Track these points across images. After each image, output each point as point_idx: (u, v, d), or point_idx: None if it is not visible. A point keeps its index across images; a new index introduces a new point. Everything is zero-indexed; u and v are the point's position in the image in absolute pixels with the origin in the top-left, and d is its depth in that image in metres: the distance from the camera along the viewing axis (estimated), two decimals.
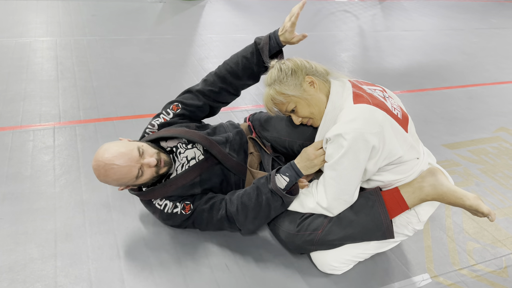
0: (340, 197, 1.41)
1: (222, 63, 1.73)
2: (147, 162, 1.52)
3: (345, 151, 1.33)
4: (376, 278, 1.63)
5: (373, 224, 1.46)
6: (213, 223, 1.63)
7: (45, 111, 2.54)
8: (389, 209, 1.46)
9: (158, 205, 1.66)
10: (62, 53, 3.40)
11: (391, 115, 1.39)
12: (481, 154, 2.58)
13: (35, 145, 2.21)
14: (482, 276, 1.69)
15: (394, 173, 1.46)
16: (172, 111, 1.74)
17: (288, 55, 1.64)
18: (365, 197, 1.48)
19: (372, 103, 1.37)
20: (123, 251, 1.63)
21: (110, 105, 2.68)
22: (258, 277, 1.57)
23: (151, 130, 1.74)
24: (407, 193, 1.46)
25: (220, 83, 1.71)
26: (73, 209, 1.81)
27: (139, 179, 1.55)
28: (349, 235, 1.49)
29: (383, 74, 3.79)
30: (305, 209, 1.50)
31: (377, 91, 1.49)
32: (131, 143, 1.56)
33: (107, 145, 1.52)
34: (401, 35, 5.15)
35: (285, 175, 1.48)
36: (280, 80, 1.44)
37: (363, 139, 1.31)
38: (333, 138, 1.35)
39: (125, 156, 1.48)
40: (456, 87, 3.66)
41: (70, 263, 1.55)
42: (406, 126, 1.46)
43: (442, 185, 1.43)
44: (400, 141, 1.39)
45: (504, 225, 2.00)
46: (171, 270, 1.57)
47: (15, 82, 2.86)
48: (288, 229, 1.53)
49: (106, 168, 1.47)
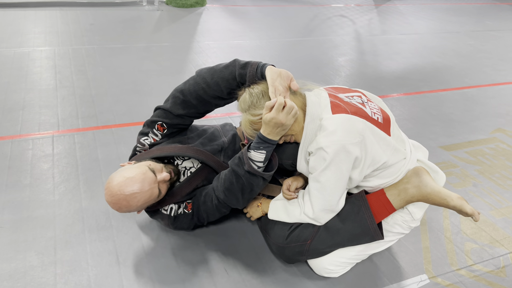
0: (326, 207, 1.41)
1: (202, 90, 1.55)
2: (163, 178, 1.52)
3: (328, 164, 1.32)
4: (374, 279, 1.63)
5: (360, 230, 1.47)
6: (212, 213, 1.63)
7: (44, 120, 2.55)
8: (375, 212, 1.47)
9: (164, 210, 1.67)
10: (60, 62, 3.43)
11: (371, 121, 1.40)
12: (478, 155, 2.60)
13: (34, 153, 2.23)
14: (480, 276, 1.70)
15: (381, 177, 1.47)
16: (159, 132, 1.68)
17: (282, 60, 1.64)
18: (350, 203, 1.48)
19: (350, 112, 1.37)
20: (123, 257, 1.63)
21: (108, 113, 2.70)
22: (256, 281, 1.58)
23: (142, 149, 1.72)
24: (392, 195, 1.47)
25: (204, 106, 1.62)
26: (72, 216, 1.82)
27: (159, 197, 1.56)
28: (338, 242, 1.50)
29: (380, 78, 3.81)
30: (292, 219, 1.50)
31: (355, 98, 1.49)
32: (139, 165, 1.52)
33: (118, 176, 1.46)
34: (397, 38, 5.18)
35: (259, 149, 1.42)
36: (254, 104, 1.41)
37: (344, 150, 1.31)
38: (314, 151, 1.35)
39: (143, 181, 1.45)
40: (452, 89, 3.68)
41: (69, 270, 1.56)
42: (388, 129, 1.46)
43: (427, 186, 1.44)
44: (383, 147, 1.40)
45: (501, 225, 2.00)
46: (170, 275, 1.57)
47: (14, 91, 2.88)
48: (278, 242, 1.54)
49: (128, 199, 1.43)
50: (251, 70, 1.45)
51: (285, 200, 1.57)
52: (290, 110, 1.34)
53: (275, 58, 4.04)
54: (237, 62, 1.51)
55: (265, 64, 1.45)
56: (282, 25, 5.32)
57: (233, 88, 1.52)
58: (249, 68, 1.46)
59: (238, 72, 1.48)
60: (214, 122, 2.71)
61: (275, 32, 4.95)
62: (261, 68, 1.44)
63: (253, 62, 1.48)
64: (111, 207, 1.47)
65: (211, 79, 1.53)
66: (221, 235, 1.79)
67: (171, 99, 1.65)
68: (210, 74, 1.54)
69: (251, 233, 1.80)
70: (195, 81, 1.57)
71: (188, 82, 1.60)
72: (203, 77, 1.55)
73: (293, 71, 1.56)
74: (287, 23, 5.41)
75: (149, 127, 1.71)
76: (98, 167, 2.16)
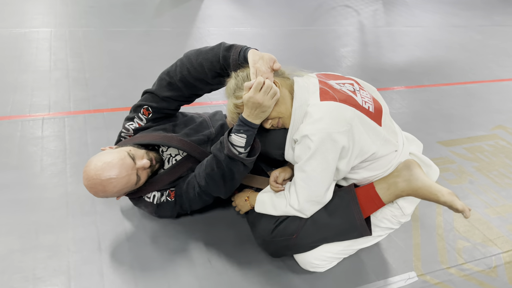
0: (311, 198, 1.36)
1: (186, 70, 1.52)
2: (142, 165, 1.49)
3: (313, 153, 1.28)
4: (361, 275, 1.60)
5: (348, 225, 1.42)
6: (195, 201, 1.59)
7: (35, 102, 2.51)
8: (364, 207, 1.42)
9: (147, 198, 1.63)
10: (56, 44, 3.37)
11: (361, 109, 1.34)
12: (476, 151, 2.54)
13: (23, 135, 2.19)
14: (471, 275, 1.66)
15: (371, 170, 1.42)
16: (144, 116, 1.65)
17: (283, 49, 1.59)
18: (339, 196, 1.44)
19: (339, 100, 1.32)
20: (105, 244, 1.60)
21: (101, 97, 2.65)
22: (240, 272, 1.55)
23: (126, 134, 1.69)
24: (382, 189, 1.41)
25: (189, 89, 1.58)
26: (57, 200, 1.79)
27: (138, 184, 1.53)
28: (325, 237, 1.45)
29: (381, 70, 3.74)
30: (278, 211, 1.45)
31: (346, 85, 1.44)
32: (119, 150, 1.49)
33: (96, 160, 1.44)
34: (402, 31, 5.08)
35: (239, 133, 1.37)
36: (239, 86, 1.36)
37: (330, 139, 1.26)
38: (299, 139, 1.31)
39: (120, 167, 1.43)
40: (455, 83, 3.60)
41: (50, 255, 1.53)
42: (380, 119, 1.40)
43: (417, 180, 1.38)
44: (373, 137, 1.35)
45: (496, 223, 1.96)
46: (151, 264, 1.54)
47: (7, 72, 2.83)
48: (263, 236, 1.49)
49: (104, 184, 1.41)
50: (235, 53, 1.42)
51: (272, 193, 1.52)
52: (268, 90, 1.29)
53: (276, 47, 3.97)
54: (222, 45, 1.47)
55: (249, 47, 1.41)
56: (285, 13, 5.23)
57: (217, 70, 1.48)
58: (232, 51, 1.43)
59: (222, 55, 1.44)
60: (208, 109, 2.67)
61: (278, 21, 4.86)
62: (244, 51, 1.40)
63: (238, 45, 1.44)
64: (89, 191, 1.44)
65: (196, 60, 1.50)
66: (207, 224, 1.75)
67: (158, 81, 1.62)
68: (195, 56, 1.51)
69: (239, 224, 1.77)
70: (181, 62, 1.55)
71: (175, 64, 1.57)
72: (188, 58, 1.52)
73: (293, 61, 1.51)
74: (290, 12, 5.32)
75: (135, 111, 1.67)
76: (86, 151, 2.12)
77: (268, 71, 1.34)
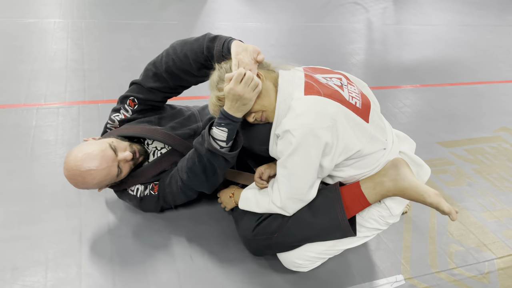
0: (293, 196, 1.32)
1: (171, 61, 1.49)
2: (123, 158, 1.47)
3: (294, 149, 1.23)
4: (346, 276, 1.55)
5: (330, 225, 1.37)
6: (178, 195, 1.57)
7: (32, 92, 2.50)
8: (348, 206, 1.37)
9: (131, 191, 1.62)
10: (58, 34, 3.37)
11: (347, 105, 1.29)
12: (477, 153, 2.47)
13: (17, 124, 2.18)
14: (461, 280, 1.61)
15: (357, 168, 1.37)
16: (130, 108, 1.63)
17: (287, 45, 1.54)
18: (323, 195, 1.38)
19: (324, 94, 1.27)
20: (86, 236, 1.58)
21: (97, 88, 2.63)
22: (221, 270, 1.52)
23: (112, 125, 1.67)
24: (367, 188, 1.36)
25: (174, 80, 1.55)
26: (42, 190, 1.77)
27: (119, 176, 1.51)
28: (307, 237, 1.41)
29: (386, 68, 3.67)
30: (261, 209, 1.41)
31: (333, 79, 1.38)
32: (101, 142, 1.48)
33: (76, 150, 1.42)
34: (411, 29, 4.98)
35: (220, 126, 1.32)
36: (222, 78, 1.32)
37: (313, 135, 1.21)
38: (281, 134, 1.26)
39: (100, 158, 1.40)
40: (461, 83, 3.51)
41: (30, 246, 1.52)
42: (367, 115, 1.35)
43: (404, 180, 1.33)
44: (358, 134, 1.30)
45: (492, 228, 1.89)
46: (131, 258, 1.52)
47: (8, 62, 2.84)
48: (245, 234, 1.46)
49: (83, 175, 1.39)
50: (219, 44, 1.38)
51: (256, 190, 1.49)
52: (248, 81, 1.24)
53: (280, 42, 3.92)
54: (207, 35, 1.44)
55: (234, 39, 1.37)
56: (293, 9, 5.16)
57: (201, 62, 1.44)
58: (217, 42, 1.40)
59: (206, 45, 1.41)
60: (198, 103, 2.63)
61: (284, 16, 4.80)
62: (228, 43, 1.37)
63: (222, 36, 1.41)
64: (69, 182, 1.42)
65: (181, 51, 1.46)
66: (193, 220, 1.72)
67: (144, 71, 1.60)
68: (181, 46, 1.48)
69: (225, 220, 1.73)
70: (167, 53, 1.52)
71: (161, 54, 1.55)
72: (174, 49, 1.49)
73: (297, 57, 1.48)
74: (297, 8, 5.25)
75: (121, 102, 1.65)
76: (78, 142, 2.10)
77: (251, 62, 1.30)
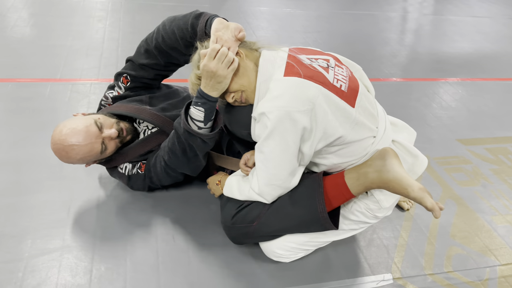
0: (271, 182, 1.26)
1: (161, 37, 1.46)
2: (108, 135, 1.47)
3: (270, 132, 1.17)
4: (331, 271, 1.49)
5: (310, 217, 1.30)
6: (162, 176, 1.56)
7: (68, 68, 2.59)
8: (331, 198, 1.30)
9: (120, 169, 1.63)
10: (98, 14, 3.45)
11: (330, 87, 1.21)
12: (499, 153, 2.31)
13: (50, 98, 2.28)
14: (455, 285, 1.50)
15: (341, 156, 1.29)
16: (123, 85, 1.62)
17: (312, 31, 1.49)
18: (304, 185, 1.32)
19: (304, 75, 1.19)
20: (74, 210, 1.60)
21: (112, 67, 2.67)
22: (201, 253, 1.49)
23: (106, 102, 1.67)
24: (351, 179, 1.28)
25: (164, 57, 1.53)
26: (38, 162, 1.81)
27: (104, 153, 1.51)
28: (285, 228, 1.36)
29: (414, 60, 3.50)
30: (243, 196, 1.36)
31: (319, 61, 1.29)
32: (87, 117, 1.48)
33: (62, 125, 1.44)
34: (449, 20, 4.72)
35: (197, 105, 1.29)
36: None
37: (289, 118, 1.15)
38: (258, 117, 1.20)
39: (84, 134, 1.41)
40: (494, 79, 3.29)
41: (20, 215, 1.55)
42: (353, 99, 1.26)
43: (389, 171, 1.23)
44: (340, 119, 1.21)
45: (501, 232, 1.76)
46: (114, 234, 1.53)
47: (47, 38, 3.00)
48: (225, 221, 1.42)
49: (66, 150, 1.41)
50: (202, 21, 1.35)
51: (240, 176, 1.44)
52: (222, 57, 1.19)
53: (305, 29, 3.82)
54: (194, 12, 1.41)
55: (217, 16, 1.33)
56: None
57: (188, 39, 1.41)
58: (201, 19, 1.36)
59: (191, 22, 1.38)
60: None
61: (314, 3, 4.67)
62: (211, 20, 1.33)
63: (207, 14, 1.37)
64: (55, 156, 1.43)
65: (169, 27, 1.44)
66: (181, 202, 1.70)
67: (137, 48, 1.59)
68: (169, 22, 1.46)
69: (213, 205, 1.70)
70: (157, 29, 1.50)
71: (153, 31, 1.53)
72: (164, 25, 1.47)
73: (319, 43, 1.41)
74: None
75: (116, 79, 1.66)
76: None
77: (231, 40, 1.25)
